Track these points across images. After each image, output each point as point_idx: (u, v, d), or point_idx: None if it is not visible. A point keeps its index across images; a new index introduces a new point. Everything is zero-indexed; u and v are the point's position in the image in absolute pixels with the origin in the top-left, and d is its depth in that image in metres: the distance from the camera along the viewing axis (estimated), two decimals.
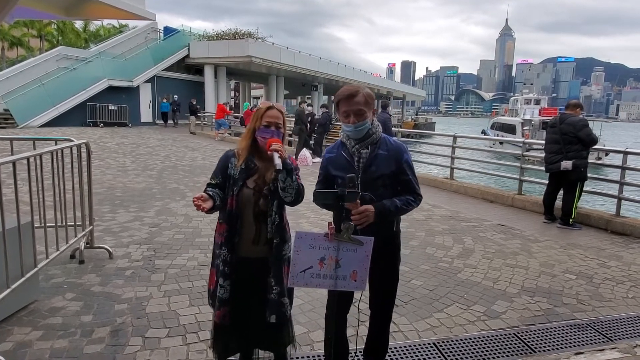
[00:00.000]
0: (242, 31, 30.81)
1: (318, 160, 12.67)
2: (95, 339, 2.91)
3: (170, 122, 25.40)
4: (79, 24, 41.29)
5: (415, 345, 3.02)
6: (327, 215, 5.89)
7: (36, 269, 3.28)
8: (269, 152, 2.02)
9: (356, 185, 1.99)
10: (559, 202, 6.49)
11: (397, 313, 3.32)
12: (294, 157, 2.36)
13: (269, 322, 2.17)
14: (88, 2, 3.44)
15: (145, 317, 3.24)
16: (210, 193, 2.06)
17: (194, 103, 23.03)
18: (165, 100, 25.52)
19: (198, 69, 29.77)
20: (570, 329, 3.33)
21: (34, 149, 3.82)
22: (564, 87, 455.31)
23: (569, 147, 5.96)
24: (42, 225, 3.66)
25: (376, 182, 2.13)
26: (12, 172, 3.01)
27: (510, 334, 3.20)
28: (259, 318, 2.20)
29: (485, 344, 3.07)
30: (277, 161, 1.98)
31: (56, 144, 3.93)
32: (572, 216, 6.15)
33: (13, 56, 35.78)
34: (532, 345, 3.07)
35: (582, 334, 3.26)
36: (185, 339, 2.97)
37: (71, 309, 3.32)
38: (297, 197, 2.11)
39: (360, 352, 2.71)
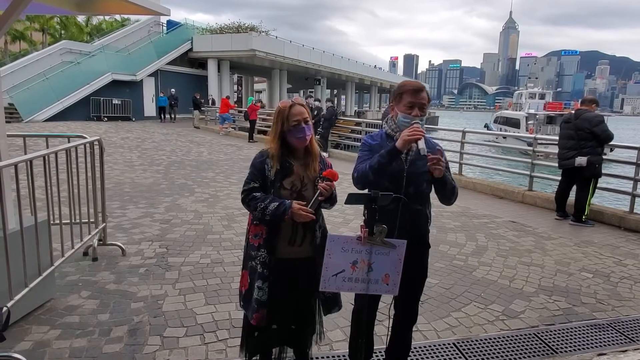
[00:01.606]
0: (246, 25, 30.67)
1: (324, 154, 12.59)
2: (114, 338, 2.89)
3: (167, 116, 24.28)
4: (81, 18, 41.13)
5: (435, 345, 2.99)
6: (338, 212, 5.85)
7: (53, 267, 3.26)
8: (320, 186, 2.03)
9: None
10: (570, 199, 6.44)
11: None
12: None
13: (304, 320, 2.22)
14: None
15: (162, 316, 3.21)
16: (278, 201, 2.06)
17: (198, 97, 22.92)
18: (162, 95, 24.61)
19: (201, 63, 29.65)
20: (591, 329, 3.29)
21: (47, 146, 3.78)
22: (568, 81, 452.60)
23: (583, 143, 5.89)
24: (57, 222, 3.64)
25: (420, 177, 2.14)
26: (26, 169, 2.99)
27: (530, 334, 3.17)
28: (294, 318, 2.20)
29: (505, 344, 3.04)
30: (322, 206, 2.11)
31: (69, 141, 3.89)
32: (585, 213, 6.10)
33: (16, 50, 35.73)
34: (553, 345, 3.04)
35: (603, 334, 3.23)
36: (204, 338, 2.95)
37: (88, 307, 3.30)
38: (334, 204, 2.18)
39: (380, 352, 2.68)
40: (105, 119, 22.71)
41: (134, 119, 24.12)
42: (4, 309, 2.26)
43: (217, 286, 3.76)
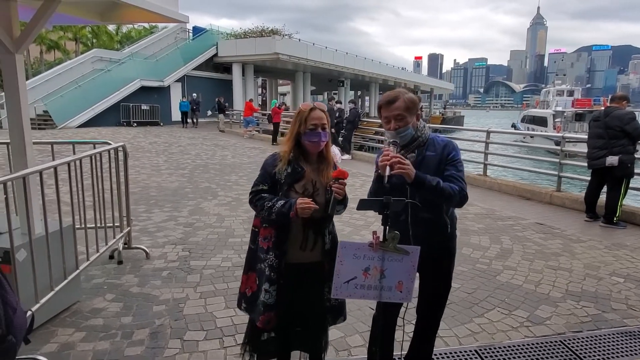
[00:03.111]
0: (269, 28, 30.98)
1: (347, 157, 12.58)
2: (136, 341, 2.95)
3: (189, 121, 23.84)
4: (112, 27, 42.48)
5: (456, 352, 2.93)
6: (360, 214, 5.82)
7: (78, 271, 3.36)
8: (332, 188, 2.00)
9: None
10: (601, 199, 6.21)
11: None
12: None
13: (317, 324, 2.22)
14: (122, 7, 3.48)
15: (182, 319, 3.26)
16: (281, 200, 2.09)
17: (222, 101, 23.21)
18: (184, 100, 24.33)
19: (226, 67, 30.12)
20: (621, 336, 3.15)
21: (74, 153, 3.91)
22: (600, 77, 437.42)
23: (614, 141, 5.66)
24: (83, 226, 3.75)
25: None
26: (53, 175, 3.09)
27: (556, 342, 3.06)
28: (304, 322, 2.20)
29: (530, 351, 2.95)
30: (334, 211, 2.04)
31: (94, 147, 4.00)
32: (617, 214, 5.86)
33: (51, 59, 37.18)
34: (580, 354, 2.92)
35: (634, 342, 3.09)
36: (223, 342, 2.98)
37: (111, 310, 3.38)
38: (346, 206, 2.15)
39: (399, 358, 2.64)
40: (135, 124, 23.33)
41: (162, 124, 24.66)
42: (29, 312, 2.34)
43: (238, 290, 3.78)
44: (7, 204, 2.58)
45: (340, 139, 13.18)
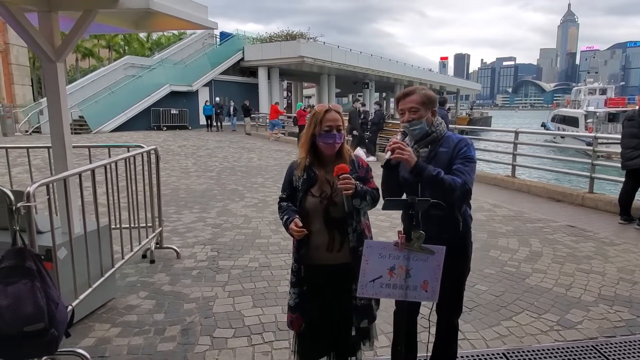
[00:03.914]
0: (294, 32, 31.27)
1: (372, 158, 12.56)
2: (168, 337, 3.06)
3: (214, 125, 24.03)
4: (142, 34, 43.75)
5: (483, 355, 2.91)
6: (385, 215, 5.82)
7: (114, 269, 3.50)
8: (339, 186, 2.01)
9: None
10: (636, 202, 6.01)
11: (462, 320, 3.19)
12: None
13: (353, 326, 2.20)
14: (156, 16, 3.62)
15: (212, 317, 3.36)
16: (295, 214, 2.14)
17: (248, 104, 23.49)
18: (207, 104, 24.52)
19: (252, 71, 30.55)
20: None
21: (109, 156, 4.08)
22: (635, 74, 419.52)
23: None
24: (118, 227, 3.91)
25: None
26: (91, 178, 3.24)
27: (588, 346, 3.00)
28: (338, 323, 2.22)
29: (560, 355, 2.90)
30: (353, 204, 2.05)
31: (128, 151, 4.17)
32: None
33: (85, 66, 38.57)
34: (613, 359, 2.85)
35: None
36: (251, 340, 3.05)
37: (145, 307, 3.51)
38: (374, 204, 2.12)
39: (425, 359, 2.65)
40: (165, 128, 23.92)
41: (190, 128, 25.20)
42: (69, 307, 2.47)
43: (264, 289, 3.87)
44: (50, 205, 2.72)
45: (365, 140, 13.18)
